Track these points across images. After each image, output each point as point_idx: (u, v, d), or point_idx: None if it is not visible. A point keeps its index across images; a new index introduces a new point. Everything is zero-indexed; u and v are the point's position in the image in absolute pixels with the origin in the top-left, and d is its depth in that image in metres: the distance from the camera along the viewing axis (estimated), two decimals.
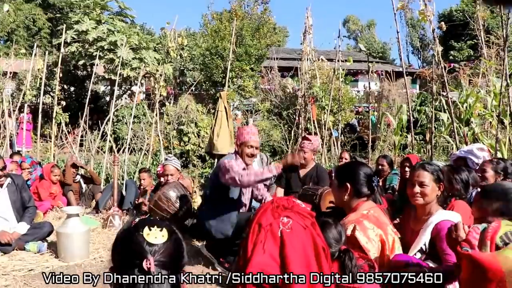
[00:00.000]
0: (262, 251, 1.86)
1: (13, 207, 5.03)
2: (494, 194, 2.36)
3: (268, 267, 1.85)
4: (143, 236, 1.35)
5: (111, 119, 9.17)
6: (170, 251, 1.37)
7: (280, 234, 1.87)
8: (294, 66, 14.66)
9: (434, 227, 2.76)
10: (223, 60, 14.26)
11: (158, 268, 1.32)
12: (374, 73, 11.64)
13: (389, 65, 25.79)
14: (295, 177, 5.66)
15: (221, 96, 7.99)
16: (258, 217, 1.95)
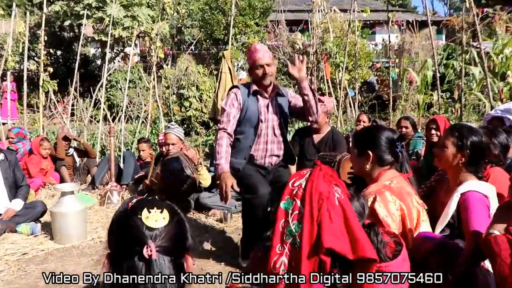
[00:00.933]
0: (330, 221, 1.89)
1: (6, 184, 5.06)
2: None
3: (340, 240, 1.90)
4: (141, 220, 1.32)
5: (104, 84, 9.12)
6: (172, 234, 1.35)
7: (337, 202, 1.91)
8: (304, 19, 14.44)
9: (460, 198, 2.72)
10: (225, 15, 14.05)
11: (160, 254, 1.30)
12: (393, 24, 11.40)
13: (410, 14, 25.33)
14: (309, 144, 5.61)
15: (224, 55, 7.89)
16: (316, 184, 1.96)
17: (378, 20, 18.86)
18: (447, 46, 14.66)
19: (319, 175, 1.99)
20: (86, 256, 4.32)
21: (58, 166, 7.01)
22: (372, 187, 2.80)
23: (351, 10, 10.15)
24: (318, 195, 1.95)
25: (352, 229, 1.89)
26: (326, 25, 11.20)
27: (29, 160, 6.70)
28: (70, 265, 4.12)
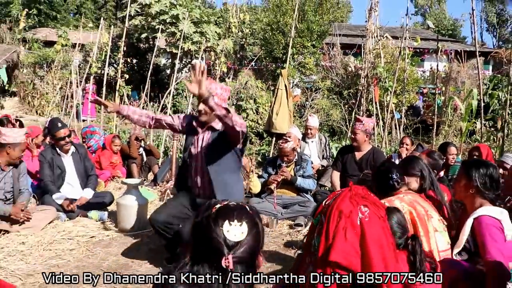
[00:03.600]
0: (345, 239, 1.88)
1: (78, 174, 5.32)
2: None
3: (350, 256, 1.87)
4: (222, 232, 1.36)
5: (172, 92, 9.37)
6: (249, 246, 1.39)
7: (359, 222, 1.88)
8: (357, 43, 14.31)
9: (474, 222, 2.70)
10: (284, 36, 14.12)
11: (236, 265, 1.34)
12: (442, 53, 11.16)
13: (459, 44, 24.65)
14: (351, 161, 5.61)
15: (281, 73, 7.95)
16: (338, 203, 1.96)
17: (428, 48, 18.47)
18: (493, 77, 14.17)
19: (345, 195, 1.98)
20: (144, 245, 4.47)
21: (129, 163, 7.27)
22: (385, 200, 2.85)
23: (402, 38, 10.01)
24: (338, 213, 1.94)
25: (368, 248, 1.85)
26: (378, 51, 11.08)
27: (102, 154, 6.99)
28: (130, 251, 4.28)
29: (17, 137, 4.52)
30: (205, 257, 1.37)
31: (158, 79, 15.83)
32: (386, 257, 1.88)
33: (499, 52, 13.86)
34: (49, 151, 5.21)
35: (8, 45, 15.85)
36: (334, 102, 12.30)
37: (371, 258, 1.84)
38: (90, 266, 3.88)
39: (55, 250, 4.14)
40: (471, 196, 2.86)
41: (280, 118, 7.33)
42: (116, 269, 3.83)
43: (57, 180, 5.15)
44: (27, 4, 24.85)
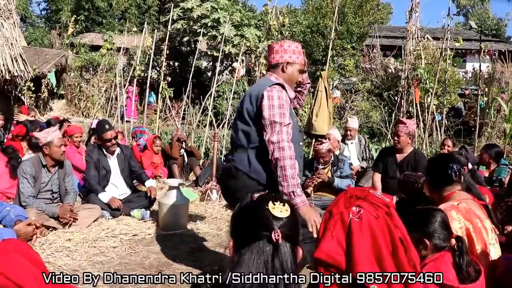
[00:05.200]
0: (331, 237, 1.86)
1: (122, 175, 5.42)
2: None
3: (334, 253, 1.84)
4: (269, 210, 1.41)
5: (213, 94, 9.44)
6: (292, 224, 1.43)
7: (349, 222, 1.84)
8: (397, 45, 14.06)
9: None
10: (324, 38, 14.03)
11: (284, 241, 1.38)
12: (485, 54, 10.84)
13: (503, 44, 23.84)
14: (392, 162, 5.48)
15: (321, 75, 7.87)
16: (331, 206, 1.94)
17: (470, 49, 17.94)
18: None
19: (340, 197, 1.95)
20: (185, 243, 4.50)
21: (171, 163, 7.37)
22: (440, 206, 2.73)
23: (444, 39, 9.76)
24: (329, 214, 1.92)
25: (354, 248, 1.81)
26: (418, 52, 10.84)
27: (143, 154, 7.13)
28: (171, 249, 4.32)
29: (48, 136, 4.63)
30: (251, 238, 1.39)
31: (199, 82, 16.01)
32: (380, 251, 1.82)
33: None
34: (96, 151, 5.33)
35: (57, 50, 16.40)
36: (374, 104, 12.12)
37: (356, 258, 1.80)
38: (132, 263, 3.94)
39: (99, 247, 4.22)
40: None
41: (319, 120, 7.25)
42: (157, 267, 3.88)
43: (102, 181, 5.26)
44: (75, 11, 25.64)
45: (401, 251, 1.87)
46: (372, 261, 1.84)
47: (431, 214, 2.34)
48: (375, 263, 1.84)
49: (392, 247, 1.86)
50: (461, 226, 2.57)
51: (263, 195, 1.51)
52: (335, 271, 1.89)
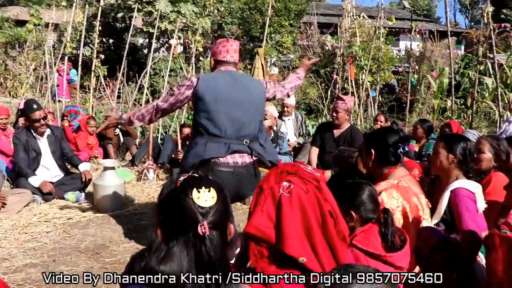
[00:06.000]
0: (261, 212, 1.89)
1: (54, 157, 5.22)
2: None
3: (264, 227, 1.88)
4: (193, 200, 1.36)
5: (148, 72, 9.23)
6: (220, 210, 1.39)
7: (279, 197, 1.88)
8: (334, 23, 14.27)
9: (451, 194, 2.77)
10: (262, 15, 14.00)
11: (212, 230, 1.34)
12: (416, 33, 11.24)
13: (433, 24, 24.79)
14: (329, 138, 5.63)
15: (258, 52, 7.90)
16: (262, 181, 1.97)
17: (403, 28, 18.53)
18: (464, 56, 14.35)
19: (271, 173, 1.99)
20: (122, 225, 4.43)
21: (105, 143, 7.19)
22: (381, 184, 2.82)
23: (378, 17, 10.02)
24: (259, 189, 1.96)
25: (283, 225, 1.85)
26: (354, 30, 11.08)
27: (78, 136, 6.89)
28: (108, 232, 4.24)
29: None
30: (179, 231, 1.35)
31: (135, 59, 15.58)
32: (310, 224, 1.88)
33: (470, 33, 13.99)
34: (24, 133, 5.09)
35: None
36: (311, 81, 12.31)
37: (286, 232, 1.85)
38: (67, 247, 3.83)
39: (31, 233, 4.07)
40: (450, 168, 2.91)
41: None
42: (94, 250, 3.80)
43: (32, 164, 5.05)
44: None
45: (331, 224, 1.92)
46: (302, 235, 1.88)
47: (359, 188, 2.42)
48: (304, 237, 1.89)
49: (322, 221, 1.91)
50: (399, 205, 2.68)
51: (187, 179, 1.44)
52: (265, 245, 1.93)
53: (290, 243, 1.86)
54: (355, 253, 2.21)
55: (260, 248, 1.93)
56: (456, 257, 2.59)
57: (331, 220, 1.92)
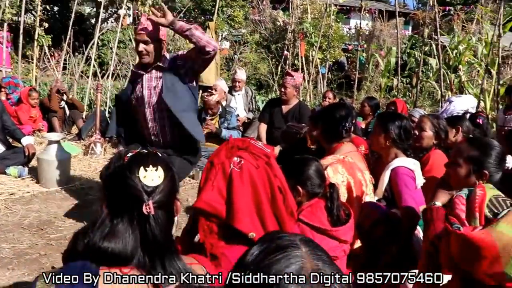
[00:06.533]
0: (212, 187, 1.91)
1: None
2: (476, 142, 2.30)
3: (215, 202, 1.90)
4: (139, 179, 1.32)
5: (96, 43, 8.92)
6: (167, 189, 1.36)
7: (230, 173, 1.90)
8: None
9: (391, 172, 2.88)
10: None
11: (157, 210, 1.32)
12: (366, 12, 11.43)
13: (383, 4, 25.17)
14: (277, 113, 5.69)
15: (209, 26, 7.79)
16: (212, 156, 1.98)
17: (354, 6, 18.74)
18: (411, 37, 14.74)
19: (221, 148, 2.01)
20: (68, 200, 4.34)
21: (50, 116, 6.93)
22: (327, 158, 2.90)
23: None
24: (210, 164, 1.98)
25: (234, 200, 1.87)
26: (305, 7, 11.12)
27: (19, 109, 6.58)
28: (53, 207, 4.15)
29: None
30: (124, 208, 1.33)
31: (82, 29, 15.00)
32: (260, 199, 1.92)
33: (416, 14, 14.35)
34: None
35: None
36: (262, 56, 12.31)
37: (236, 207, 1.89)
38: (9, 224, 3.72)
39: None
40: (387, 147, 3.00)
41: (207, 71, 7.12)
42: (38, 226, 3.71)
43: None
44: None
45: (280, 199, 1.97)
46: (252, 210, 1.92)
47: (305, 163, 2.48)
48: (254, 212, 1.92)
49: (271, 196, 1.95)
50: (344, 180, 2.78)
51: (135, 156, 1.40)
52: (215, 221, 1.95)
53: (240, 218, 1.89)
54: (301, 227, 2.27)
55: (209, 223, 1.94)
56: (396, 231, 2.71)
57: (280, 196, 1.96)
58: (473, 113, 5.23)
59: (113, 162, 1.43)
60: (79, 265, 1.29)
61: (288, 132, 4.66)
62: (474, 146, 2.21)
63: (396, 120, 3.01)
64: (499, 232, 1.57)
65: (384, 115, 3.49)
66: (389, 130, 2.96)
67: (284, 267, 0.85)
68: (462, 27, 11.19)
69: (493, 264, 1.57)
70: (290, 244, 0.90)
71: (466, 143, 2.28)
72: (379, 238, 2.75)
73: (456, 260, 1.69)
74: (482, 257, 1.58)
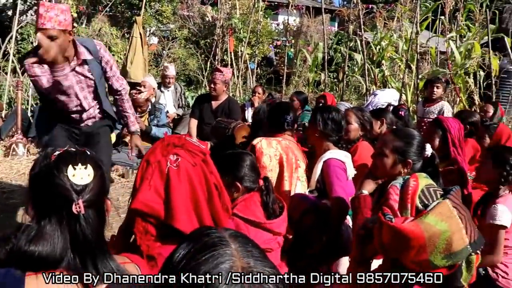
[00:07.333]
0: (148, 187, 1.87)
1: None
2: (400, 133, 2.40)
3: (152, 202, 1.87)
4: (67, 177, 1.28)
5: (14, 37, 8.43)
6: (97, 188, 1.33)
7: (167, 171, 1.86)
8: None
9: (323, 164, 2.97)
10: None
11: (87, 209, 1.28)
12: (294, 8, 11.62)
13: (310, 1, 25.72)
14: (207, 109, 5.68)
15: (136, 21, 7.59)
16: (147, 154, 1.93)
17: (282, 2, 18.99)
18: (337, 33, 15.18)
19: (157, 145, 1.98)
20: None
21: None
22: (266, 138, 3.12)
23: None
24: (145, 163, 1.95)
25: (172, 196, 1.86)
26: (234, 2, 11.14)
27: None
28: None
29: None
30: (52, 209, 1.28)
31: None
32: (197, 197, 1.91)
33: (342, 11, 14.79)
34: None
35: None
36: (191, 52, 12.19)
37: (175, 206, 1.87)
38: None
39: None
40: (318, 139, 3.10)
41: (134, 67, 7.06)
42: None
43: None
44: None
45: (216, 196, 1.95)
46: (190, 208, 1.88)
47: (241, 159, 2.48)
48: (192, 210, 1.89)
49: (208, 193, 1.93)
50: (276, 154, 2.88)
51: (62, 154, 1.35)
52: (152, 221, 1.90)
53: (179, 217, 1.85)
54: (235, 221, 2.27)
55: (145, 224, 1.89)
56: (326, 221, 2.78)
57: (216, 193, 1.95)
58: (395, 105, 5.47)
59: (39, 162, 1.37)
60: (1, 273, 1.21)
61: (218, 127, 4.67)
62: (398, 137, 2.31)
63: (323, 113, 3.09)
64: (427, 224, 1.67)
65: (314, 109, 3.63)
66: (317, 122, 3.04)
67: (213, 267, 0.83)
68: (384, 24, 11.65)
69: (419, 253, 1.67)
70: (218, 241, 0.88)
71: (391, 134, 2.37)
72: (309, 227, 2.82)
73: (386, 247, 1.77)
74: (411, 247, 1.67)
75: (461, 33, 8.93)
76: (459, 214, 1.70)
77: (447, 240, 1.65)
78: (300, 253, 2.79)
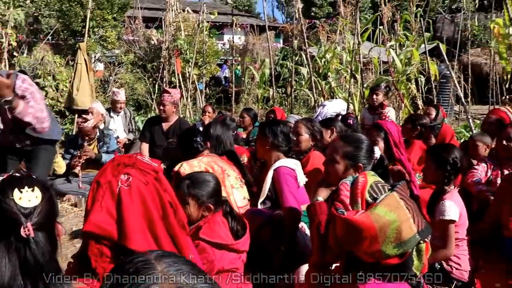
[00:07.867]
0: (100, 208, 1.81)
1: None
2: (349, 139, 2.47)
3: (104, 223, 1.81)
4: (14, 201, 1.24)
5: None
6: (46, 210, 1.30)
7: (118, 191, 1.82)
8: (160, 17, 14.16)
9: (274, 173, 3.03)
10: (83, 8, 13.21)
11: (37, 232, 1.24)
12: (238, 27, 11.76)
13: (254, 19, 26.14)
14: (158, 131, 5.64)
15: (80, 47, 7.46)
16: (98, 176, 1.88)
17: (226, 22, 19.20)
18: (282, 48, 15.46)
19: (107, 166, 1.94)
20: None
21: None
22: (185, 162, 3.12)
23: (201, 11, 10.22)
24: (96, 184, 1.91)
25: (125, 216, 1.82)
26: (178, 24, 11.15)
27: None
28: None
29: None
30: (2, 233, 1.24)
31: None
32: (151, 215, 1.88)
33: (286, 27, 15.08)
34: None
35: None
36: (138, 76, 12.08)
37: (128, 226, 1.83)
38: None
39: None
40: (268, 151, 3.16)
41: (81, 94, 6.93)
42: None
43: None
44: None
45: (171, 214, 1.91)
46: (144, 228, 1.84)
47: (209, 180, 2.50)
48: (147, 229, 1.85)
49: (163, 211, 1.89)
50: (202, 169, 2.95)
51: (6, 179, 1.32)
52: (106, 243, 1.83)
53: (132, 237, 1.80)
54: (202, 245, 2.26)
55: (100, 246, 1.83)
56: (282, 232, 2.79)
57: (171, 210, 1.91)
58: (344, 114, 5.59)
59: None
60: None
61: (169, 148, 4.64)
62: (348, 142, 2.36)
63: (272, 126, 3.16)
64: (377, 214, 1.72)
65: (263, 123, 3.68)
66: (267, 134, 3.09)
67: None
68: (327, 38, 11.94)
69: (372, 243, 1.71)
70: (142, 266, 0.85)
71: (340, 141, 2.43)
72: (267, 240, 2.82)
73: (340, 241, 1.81)
74: (363, 238, 1.71)
75: (400, 41, 9.30)
76: (406, 205, 1.76)
77: (396, 229, 1.71)
78: (261, 267, 2.79)
